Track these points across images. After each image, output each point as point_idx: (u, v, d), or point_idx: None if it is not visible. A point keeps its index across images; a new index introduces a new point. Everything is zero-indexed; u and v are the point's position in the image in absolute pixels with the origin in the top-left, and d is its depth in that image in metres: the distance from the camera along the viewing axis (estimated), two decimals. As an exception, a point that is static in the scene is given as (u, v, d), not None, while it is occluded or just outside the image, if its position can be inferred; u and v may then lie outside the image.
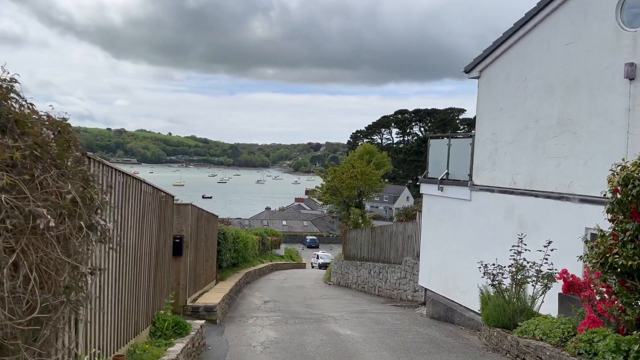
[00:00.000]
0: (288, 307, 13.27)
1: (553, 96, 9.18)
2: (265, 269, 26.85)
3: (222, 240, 15.38)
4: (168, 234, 8.13)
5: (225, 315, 11.51)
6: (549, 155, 9.22)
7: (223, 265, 16.05)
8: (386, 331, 9.55)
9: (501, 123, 10.43)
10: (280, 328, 9.93)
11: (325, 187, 25.02)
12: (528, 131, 9.71)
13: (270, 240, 37.06)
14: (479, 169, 11.04)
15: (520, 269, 8.05)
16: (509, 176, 10.14)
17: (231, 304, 13.31)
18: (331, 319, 10.98)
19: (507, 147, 10.25)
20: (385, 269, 16.08)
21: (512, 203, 9.97)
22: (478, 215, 10.90)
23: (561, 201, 8.87)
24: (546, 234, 8.99)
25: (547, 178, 9.26)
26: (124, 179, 5.32)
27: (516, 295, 8.11)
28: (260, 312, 12.35)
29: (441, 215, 12.24)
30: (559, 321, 7.06)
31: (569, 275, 7.00)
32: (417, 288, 13.87)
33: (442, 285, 12.03)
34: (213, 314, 10.16)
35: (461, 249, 11.38)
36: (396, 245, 15.99)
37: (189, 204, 10.08)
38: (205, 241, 12.33)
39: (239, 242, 18.58)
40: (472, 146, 11.32)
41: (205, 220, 12.37)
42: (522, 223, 9.67)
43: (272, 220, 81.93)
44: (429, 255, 12.67)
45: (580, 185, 8.56)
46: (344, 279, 20.22)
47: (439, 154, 12.61)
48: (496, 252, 9.93)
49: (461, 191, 11.47)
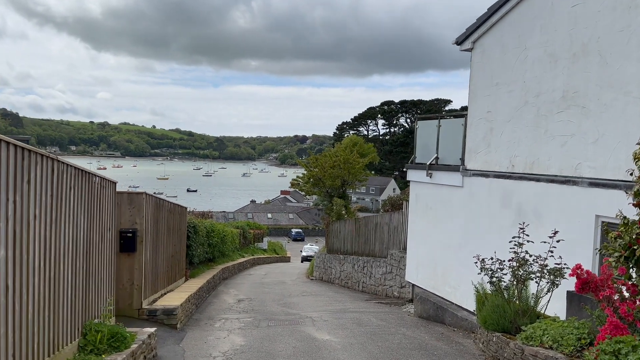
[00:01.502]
0: (263, 306, 12.09)
1: (557, 66, 8.06)
2: (245, 263, 25.63)
3: (193, 234, 14.11)
4: (107, 226, 6.86)
5: (191, 318, 10.29)
6: (552, 134, 8.12)
7: (194, 261, 14.79)
8: (369, 335, 8.41)
9: (497, 99, 9.31)
10: (250, 333, 8.74)
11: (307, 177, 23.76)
12: (528, 107, 8.60)
13: (253, 234, 35.82)
14: (472, 151, 9.92)
15: (522, 263, 6.94)
16: (506, 159, 9.04)
17: (200, 304, 12.09)
18: (309, 321, 9.82)
19: (503, 127, 9.13)
20: (369, 263, 14.96)
21: (510, 189, 8.87)
22: (471, 204, 9.80)
23: (567, 185, 7.78)
24: (549, 223, 7.93)
25: (550, 160, 8.16)
26: (19, 154, 4.05)
27: (518, 294, 7.01)
28: (231, 312, 11.15)
29: (430, 203, 11.13)
30: (571, 325, 5.97)
31: (583, 271, 5.89)
32: (403, 284, 12.77)
33: (431, 281, 10.94)
34: (173, 317, 8.93)
35: (452, 241, 10.29)
36: (381, 237, 14.86)
37: (143, 193, 8.80)
38: (168, 235, 11.06)
39: (214, 236, 17.31)
40: (464, 127, 10.21)
41: (169, 212, 11.09)
42: (521, 211, 8.58)
43: (257, 213, 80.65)
44: (416, 248, 11.56)
45: (589, 167, 7.47)
46: (326, 273, 19.07)
47: (427, 137, 11.47)
48: (492, 245, 8.87)
49: (452, 177, 10.35)
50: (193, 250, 14.25)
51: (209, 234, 16.60)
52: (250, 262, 27.23)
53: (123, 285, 8.80)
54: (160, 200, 10.09)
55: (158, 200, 9.93)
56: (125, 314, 8.78)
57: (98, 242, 6.34)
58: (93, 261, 6.17)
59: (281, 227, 75.09)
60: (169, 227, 11.14)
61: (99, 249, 6.39)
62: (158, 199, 9.92)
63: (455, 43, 10.27)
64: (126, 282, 8.79)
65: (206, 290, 13.73)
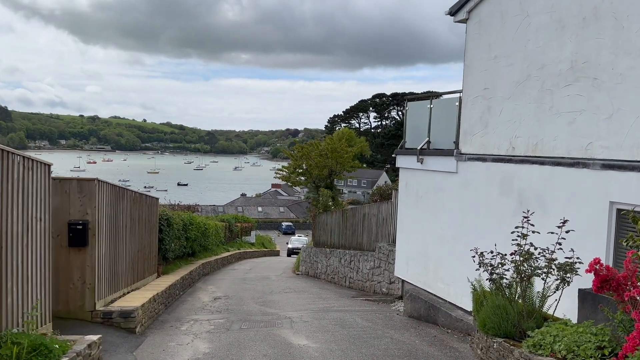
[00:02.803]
0: (240, 305, 11.09)
1: (564, 33, 7.08)
2: (230, 258, 24.62)
3: (166, 227, 13.06)
4: (37, 216, 5.80)
5: (157, 319, 9.28)
6: (558, 111, 7.15)
7: (169, 257, 13.75)
8: (353, 339, 7.45)
9: (496, 74, 8.33)
10: (218, 337, 7.75)
11: (292, 167, 22.69)
12: (531, 82, 7.62)
13: (240, 227, 34.79)
14: (467, 133, 8.95)
15: (527, 257, 5.98)
16: (506, 140, 8.07)
17: (171, 303, 11.07)
18: (287, 322, 8.84)
19: (503, 104, 8.16)
20: (356, 257, 13.99)
21: (510, 174, 7.91)
22: (466, 191, 8.84)
23: (576, 168, 6.83)
24: (555, 212, 7.00)
25: (556, 140, 7.20)
26: None
27: (522, 293, 6.06)
28: (203, 312, 10.14)
29: (421, 192, 10.15)
30: (588, 331, 5.02)
31: (602, 266, 4.93)
32: (392, 279, 11.82)
33: (423, 277, 9.99)
34: (131, 320, 7.90)
35: (445, 233, 9.34)
36: (369, 229, 13.89)
37: (95, 179, 7.73)
38: (133, 228, 10.01)
39: (192, 229, 16.25)
40: (458, 107, 9.22)
41: (134, 202, 10.04)
42: (523, 199, 7.63)
43: (248, 207, 79.57)
44: (406, 241, 10.59)
45: (601, 147, 6.51)
46: (312, 268, 18.10)
47: (418, 119, 10.48)
48: (490, 237, 7.94)
49: (445, 162, 9.38)
50: (166, 245, 13.20)
51: (186, 227, 15.55)
52: (235, 256, 26.21)
53: (74, 285, 7.77)
54: (120, 189, 9.03)
55: (117, 189, 8.86)
56: (77, 316, 7.76)
57: (21, 235, 5.29)
58: (12, 257, 5.12)
59: (272, 221, 74.11)
60: (134, 219, 10.08)
61: (22, 243, 5.34)
62: (117, 187, 8.85)
63: (449, 14, 9.26)
64: (77, 281, 7.76)
65: (180, 288, 12.71)
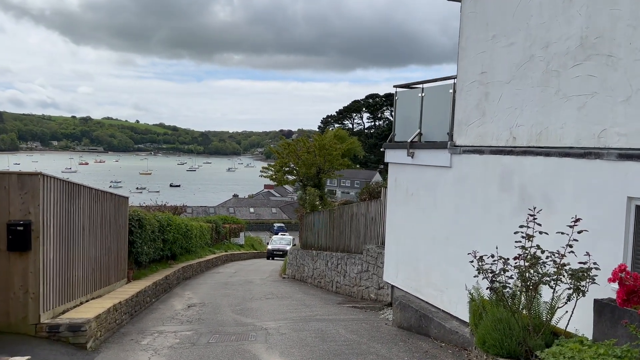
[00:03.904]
0: (215, 313, 10.15)
1: (572, 6, 6.21)
2: (216, 260, 23.65)
3: (137, 228, 12.08)
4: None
5: (117, 332, 8.32)
6: (566, 94, 6.27)
7: (142, 260, 12.78)
8: (333, 356, 6.53)
9: (494, 56, 7.45)
10: (181, 354, 6.81)
11: (278, 165, 21.74)
12: (534, 63, 6.75)
13: (228, 228, 33.79)
14: (462, 123, 8.06)
15: (533, 262, 5.08)
16: (506, 130, 7.19)
17: (139, 312, 10.12)
18: (262, 334, 7.91)
19: (502, 90, 7.28)
20: (344, 260, 13.07)
21: (511, 167, 7.03)
22: (461, 187, 7.96)
23: (587, 159, 5.95)
24: (562, 209, 6.16)
25: (563, 127, 6.32)
26: None
27: (528, 304, 5.16)
28: (172, 323, 9.19)
29: (412, 189, 9.26)
30: (610, 352, 4.13)
31: (630, 275, 4.05)
32: (381, 284, 10.91)
33: (414, 282, 9.09)
34: (81, 334, 6.94)
35: (438, 234, 8.44)
36: (357, 230, 12.98)
37: (39, 174, 6.77)
38: (94, 229, 9.06)
39: (171, 230, 15.28)
40: (453, 94, 8.34)
41: (95, 201, 9.07)
42: (526, 195, 6.76)
43: (239, 208, 78.56)
44: (396, 243, 9.69)
45: (617, 134, 5.64)
46: (299, 271, 17.16)
47: (409, 109, 9.59)
48: (487, 238, 7.07)
49: (438, 155, 8.49)
50: (138, 248, 12.23)
51: (163, 229, 14.58)
52: (222, 258, 25.23)
53: (15, 294, 6.81)
54: (74, 186, 8.05)
55: (70, 185, 7.89)
56: (19, 330, 6.82)
57: None
58: None
59: (263, 222, 73.15)
60: (95, 219, 9.12)
61: None
62: (69, 183, 7.88)
63: (442, -9, 8.36)
64: (18, 290, 6.80)
65: (153, 294, 11.74)
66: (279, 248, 29.87)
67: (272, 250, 30.78)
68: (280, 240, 33.06)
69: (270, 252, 30.82)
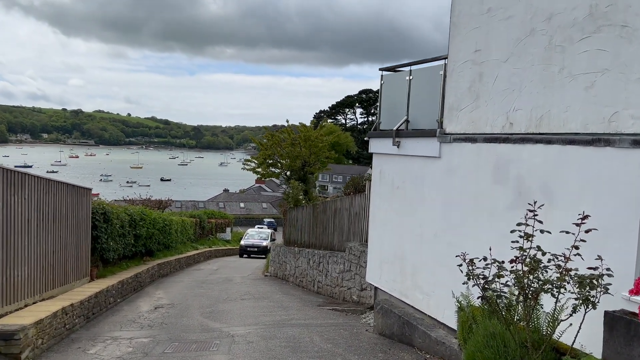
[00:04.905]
0: (181, 316, 9.29)
1: (581, -30, 5.37)
2: (198, 256, 22.76)
3: (102, 222, 11.18)
4: None
5: (67, 337, 7.45)
6: (572, 73, 5.45)
7: (109, 257, 11.87)
8: (301, 369, 5.69)
9: (490, 32, 6.62)
10: (127, 367, 5.93)
11: (261, 157, 20.83)
12: (535, 38, 5.92)
13: (214, 223, 32.89)
14: (453, 109, 7.23)
15: (534, 266, 4.27)
16: (502, 115, 6.37)
17: (98, 314, 9.24)
18: (226, 343, 7.07)
19: (498, 69, 6.45)
20: (325, 259, 12.24)
21: (507, 157, 6.21)
22: (451, 179, 7.14)
23: (595, 147, 5.14)
24: (564, 204, 5.39)
25: (568, 111, 5.50)
26: None
27: (526, 316, 4.35)
28: (131, 327, 8.33)
29: (397, 181, 8.43)
30: (630, 382, 3.31)
31: (657, 285, 3.23)
32: (364, 285, 10.09)
33: (398, 284, 8.27)
34: (14, 343, 6.06)
35: (425, 231, 7.63)
36: (341, 226, 12.15)
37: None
38: (44, 223, 8.17)
39: (145, 225, 14.36)
40: (443, 76, 7.50)
41: (45, 192, 8.17)
42: (523, 188, 5.95)
43: (230, 203, 77.52)
44: (379, 240, 8.86)
45: (631, 117, 4.84)
46: (281, 269, 16.30)
47: (395, 94, 8.75)
48: (479, 236, 6.29)
49: (426, 144, 7.66)
50: (104, 244, 11.33)
51: (135, 223, 13.67)
52: (205, 254, 24.34)
53: None
54: (15, 174, 7.14)
55: (11, 174, 6.97)
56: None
57: None
58: None
59: (254, 217, 72.20)
60: (46, 212, 8.22)
61: None
62: (10, 171, 6.97)
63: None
64: (-61, 293, 5.88)
65: (119, 294, 10.86)
66: (254, 244, 25.41)
67: (246, 247, 25.80)
68: (258, 234, 27.95)
69: (244, 249, 25.86)
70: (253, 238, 26.69)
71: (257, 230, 29.47)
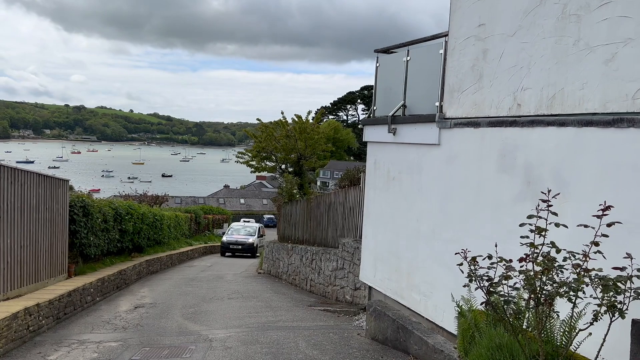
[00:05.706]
0: (161, 317, 8.66)
1: None
2: (192, 253, 22.13)
3: (81, 217, 10.54)
4: None
5: (30, 340, 6.83)
6: (589, 44, 4.75)
7: (90, 253, 11.25)
8: (280, 381, 5.03)
9: (494, 3, 5.94)
10: (86, 376, 5.29)
11: (255, 150, 20.04)
12: (546, 7, 5.22)
13: (211, 219, 32.32)
14: (454, 91, 6.55)
15: (548, 266, 3.61)
16: (508, 95, 5.68)
17: (71, 314, 8.61)
18: (202, 348, 6.43)
19: (504, 45, 5.76)
20: (318, 255, 11.58)
21: (514, 142, 5.53)
22: (451, 169, 6.46)
23: (616, 128, 4.45)
24: (579, 196, 4.73)
25: (584, 88, 4.81)
26: None
27: (539, 325, 3.68)
28: (103, 329, 7.70)
29: (393, 172, 7.76)
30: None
31: None
32: (358, 284, 9.44)
33: (393, 283, 7.61)
34: (-40, 350, 5.40)
35: (422, 226, 6.96)
36: (335, 221, 11.48)
37: None
38: (12, 217, 7.54)
39: (131, 220, 13.72)
40: (443, 55, 6.81)
41: (13, 183, 7.52)
42: (533, 177, 5.27)
43: (230, 199, 76.97)
44: (374, 236, 8.20)
45: (660, 93, 4.15)
46: (274, 267, 15.66)
47: (392, 77, 8.06)
48: (482, 231, 5.63)
49: (425, 131, 6.98)
50: (83, 239, 10.70)
51: (121, 218, 13.03)
52: (199, 251, 23.71)
53: None
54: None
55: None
56: None
57: None
58: None
59: (254, 213, 71.60)
60: (15, 205, 7.60)
61: None
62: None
63: None
64: None
65: (97, 292, 10.23)
66: (238, 241, 21.98)
67: (228, 244, 22.15)
68: (243, 228, 23.94)
69: (226, 246, 22.23)
70: (238, 233, 23.36)
71: (243, 225, 25.22)
